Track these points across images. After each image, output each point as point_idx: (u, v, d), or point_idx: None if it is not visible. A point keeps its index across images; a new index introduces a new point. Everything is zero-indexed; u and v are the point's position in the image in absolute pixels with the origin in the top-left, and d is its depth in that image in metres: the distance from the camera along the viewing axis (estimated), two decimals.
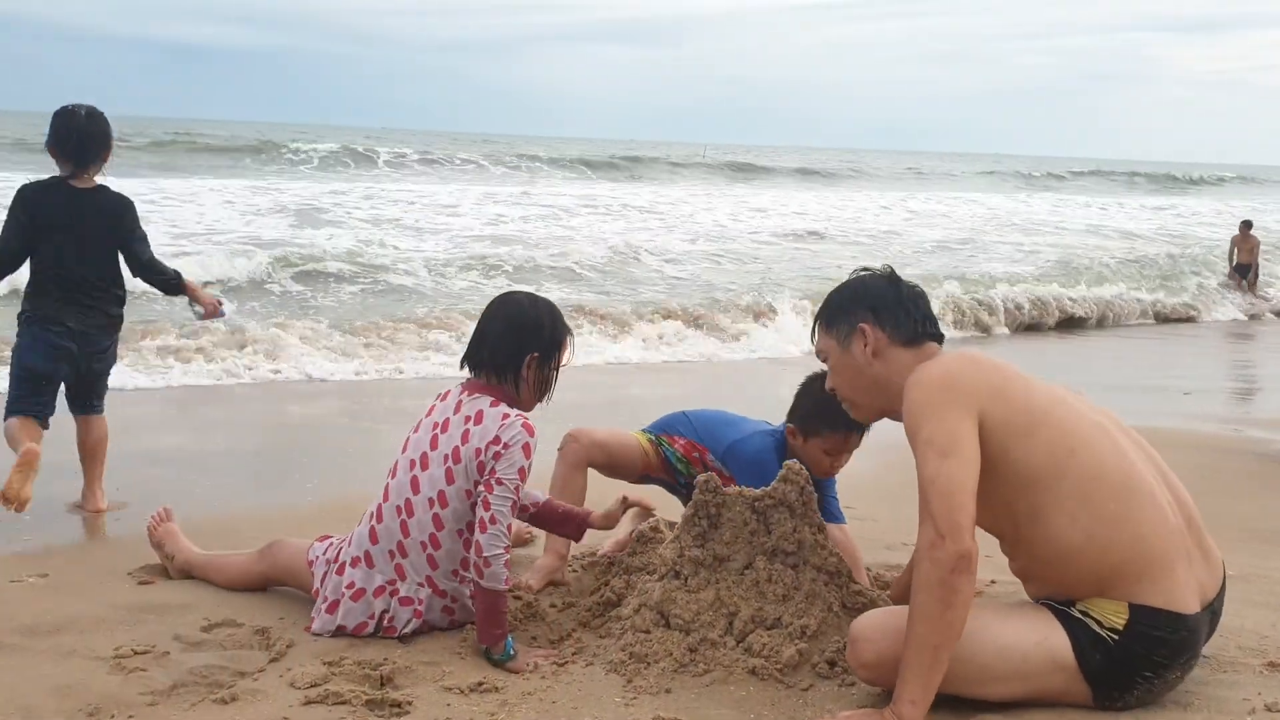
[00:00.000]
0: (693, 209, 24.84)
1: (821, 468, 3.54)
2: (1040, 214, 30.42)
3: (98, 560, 3.82)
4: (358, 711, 2.70)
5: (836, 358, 2.87)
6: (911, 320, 2.81)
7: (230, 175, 26.76)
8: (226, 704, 2.75)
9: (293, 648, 3.14)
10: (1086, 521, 2.56)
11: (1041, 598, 2.71)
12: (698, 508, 3.07)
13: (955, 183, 47.68)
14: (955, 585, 2.42)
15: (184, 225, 15.84)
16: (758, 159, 54.43)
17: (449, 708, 2.74)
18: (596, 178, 35.76)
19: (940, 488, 2.47)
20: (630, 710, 2.69)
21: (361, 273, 12.55)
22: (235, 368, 7.86)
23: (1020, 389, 2.67)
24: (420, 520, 3.21)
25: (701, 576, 3.03)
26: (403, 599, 3.23)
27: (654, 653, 2.93)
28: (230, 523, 4.32)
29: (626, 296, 12.31)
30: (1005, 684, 2.59)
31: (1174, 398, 8.20)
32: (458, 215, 20.43)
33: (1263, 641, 3.09)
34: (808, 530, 3.04)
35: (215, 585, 3.60)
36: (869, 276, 2.92)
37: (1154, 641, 2.55)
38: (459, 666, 3.03)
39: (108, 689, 2.83)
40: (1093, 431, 2.66)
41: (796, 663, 2.86)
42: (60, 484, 4.55)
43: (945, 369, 2.66)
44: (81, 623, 3.27)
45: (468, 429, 3.18)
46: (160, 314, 8.77)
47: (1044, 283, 14.67)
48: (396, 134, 74.61)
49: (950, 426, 2.54)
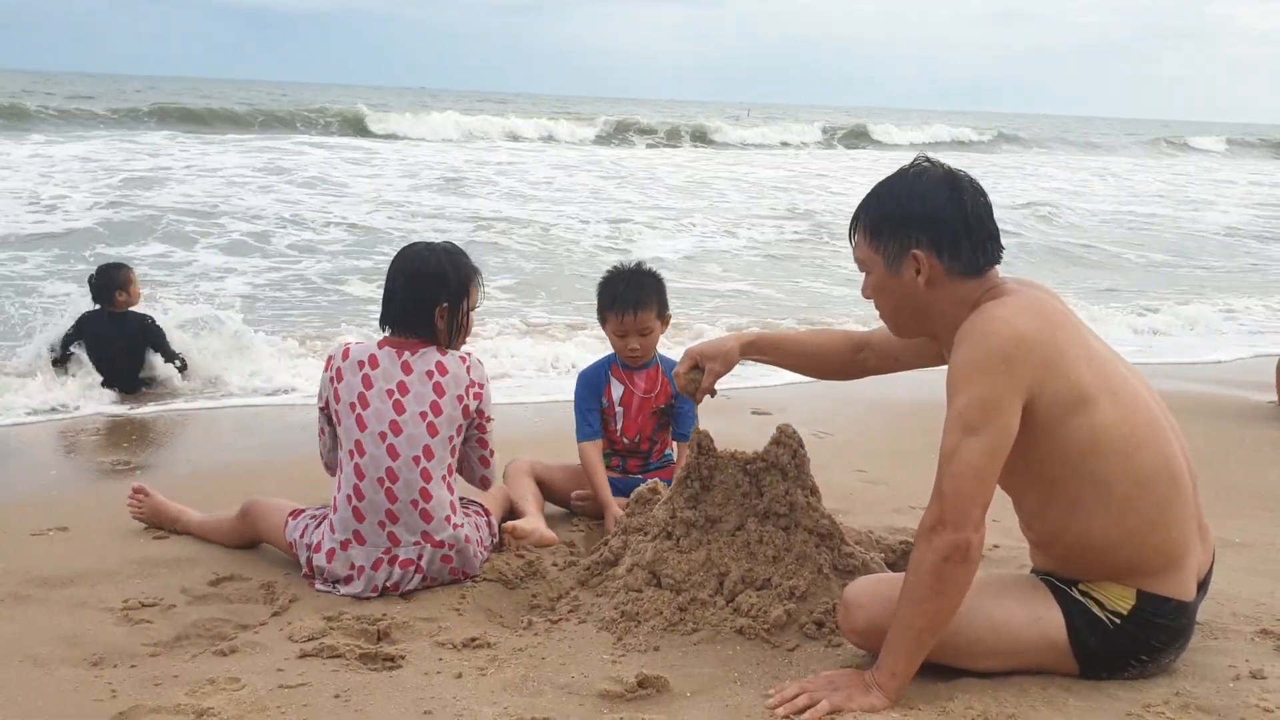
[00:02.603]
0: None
1: (622, 351, 4.09)
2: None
3: (118, 516, 3.91)
4: (351, 664, 2.77)
5: (881, 277, 2.57)
6: (973, 246, 2.50)
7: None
8: (225, 655, 2.83)
9: (295, 602, 3.22)
10: (1128, 522, 2.45)
11: (1046, 572, 2.63)
12: (690, 470, 3.10)
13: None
14: (948, 575, 2.34)
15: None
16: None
17: (440, 661, 2.80)
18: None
19: (956, 468, 2.33)
20: (617, 667, 2.73)
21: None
22: None
23: (1080, 356, 2.43)
24: (407, 481, 3.27)
25: (693, 537, 3.06)
26: (402, 562, 3.29)
27: (645, 611, 2.97)
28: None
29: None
30: (995, 659, 2.56)
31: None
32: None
33: (1258, 609, 3.07)
34: (800, 493, 3.06)
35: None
36: (928, 182, 2.53)
37: (1155, 628, 2.51)
38: (455, 623, 3.09)
39: (113, 639, 2.92)
40: (1149, 425, 2.49)
41: (784, 623, 2.88)
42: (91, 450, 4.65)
43: (1013, 330, 2.37)
44: (94, 575, 3.38)
45: (437, 381, 3.31)
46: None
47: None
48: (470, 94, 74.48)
49: (991, 402, 2.33)
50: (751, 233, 14.73)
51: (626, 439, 4.15)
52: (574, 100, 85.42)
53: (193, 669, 2.74)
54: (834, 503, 3.40)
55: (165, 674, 2.70)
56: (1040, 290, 2.61)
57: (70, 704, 2.54)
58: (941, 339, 2.62)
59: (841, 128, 44.76)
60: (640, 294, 4.01)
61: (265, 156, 20.93)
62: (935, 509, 2.35)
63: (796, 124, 44.99)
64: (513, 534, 3.61)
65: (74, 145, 20.97)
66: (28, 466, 4.84)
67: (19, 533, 3.77)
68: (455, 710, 2.48)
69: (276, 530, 3.51)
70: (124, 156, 19.53)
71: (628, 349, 4.07)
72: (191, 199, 14.50)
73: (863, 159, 32.50)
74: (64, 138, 23.00)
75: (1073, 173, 29.91)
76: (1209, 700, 2.48)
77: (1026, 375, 2.36)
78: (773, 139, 39.58)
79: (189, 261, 10.69)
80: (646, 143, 35.48)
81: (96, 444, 5.18)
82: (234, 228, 12.45)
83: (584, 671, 2.72)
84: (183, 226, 12.24)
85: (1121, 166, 34.25)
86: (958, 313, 2.51)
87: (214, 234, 12.03)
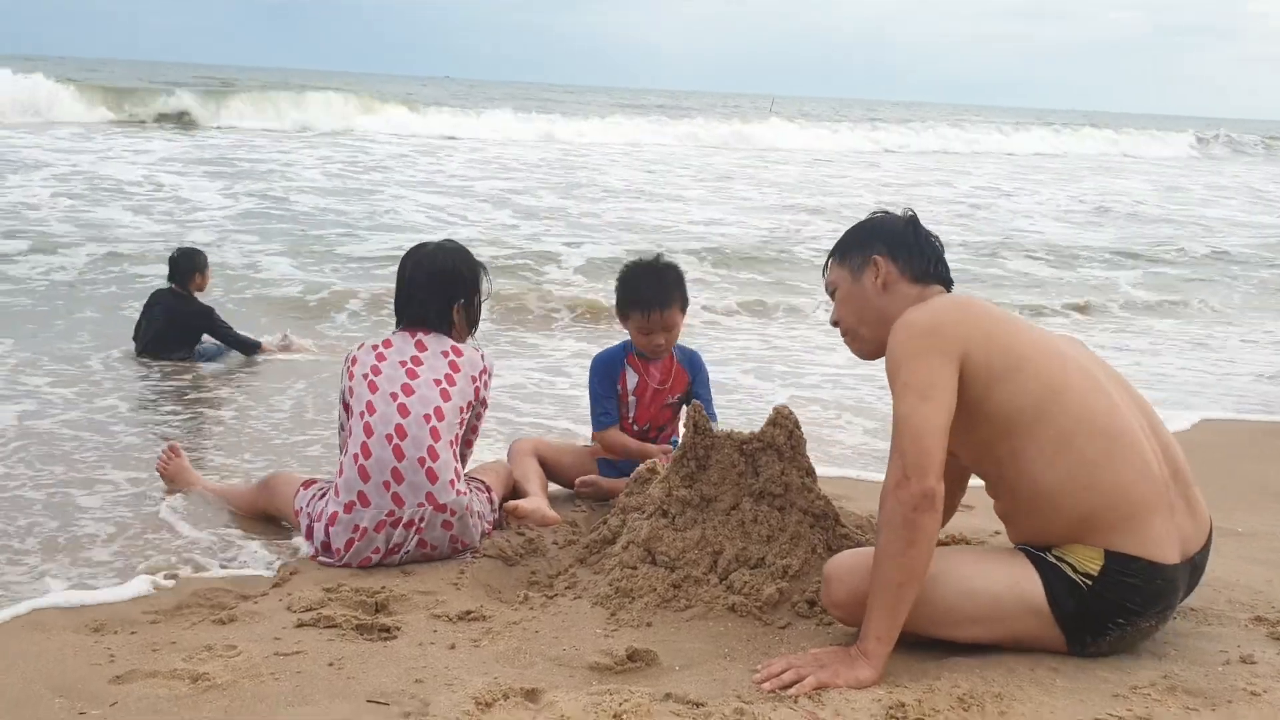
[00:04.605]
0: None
1: (645, 346, 4.04)
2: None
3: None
4: (347, 635, 2.81)
5: (846, 288, 2.90)
6: (924, 259, 2.85)
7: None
8: (224, 624, 2.87)
9: (297, 574, 3.27)
10: (1065, 465, 2.56)
11: (1021, 542, 2.72)
12: (686, 449, 3.12)
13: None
14: (918, 523, 2.45)
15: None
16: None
17: (435, 633, 2.83)
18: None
19: (912, 428, 2.51)
20: (609, 641, 2.76)
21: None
22: None
23: (1007, 331, 2.67)
24: (415, 437, 3.33)
25: (688, 516, 3.08)
26: (405, 524, 3.34)
27: (639, 588, 2.99)
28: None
29: None
30: (977, 625, 2.60)
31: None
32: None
33: (1254, 597, 3.07)
34: (795, 474, 3.07)
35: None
36: (887, 216, 2.95)
37: (1127, 589, 2.55)
38: (452, 596, 3.12)
39: (116, 607, 2.98)
40: (1077, 376, 2.65)
41: (776, 601, 2.90)
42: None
43: (932, 313, 2.67)
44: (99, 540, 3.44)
45: (453, 360, 3.46)
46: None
47: None
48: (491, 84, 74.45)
49: (929, 370, 2.56)
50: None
51: (637, 426, 4.16)
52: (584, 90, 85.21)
53: (191, 636, 2.79)
54: (836, 489, 3.42)
55: (164, 640, 2.75)
56: (970, 297, 2.86)
57: (70, 667, 2.58)
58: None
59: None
60: (666, 291, 3.96)
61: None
62: (897, 466, 2.51)
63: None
64: (514, 514, 3.63)
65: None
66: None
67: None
68: (446, 679, 2.51)
69: (288, 500, 3.57)
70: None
71: (653, 345, 4.02)
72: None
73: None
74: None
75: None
76: (1197, 683, 2.48)
77: (953, 343, 2.59)
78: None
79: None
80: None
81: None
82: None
83: (576, 645, 2.74)
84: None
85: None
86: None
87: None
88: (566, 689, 2.45)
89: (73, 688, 2.46)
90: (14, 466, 4.22)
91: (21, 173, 14.28)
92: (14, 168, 14.69)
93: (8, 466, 4.21)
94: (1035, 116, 73.25)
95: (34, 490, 3.97)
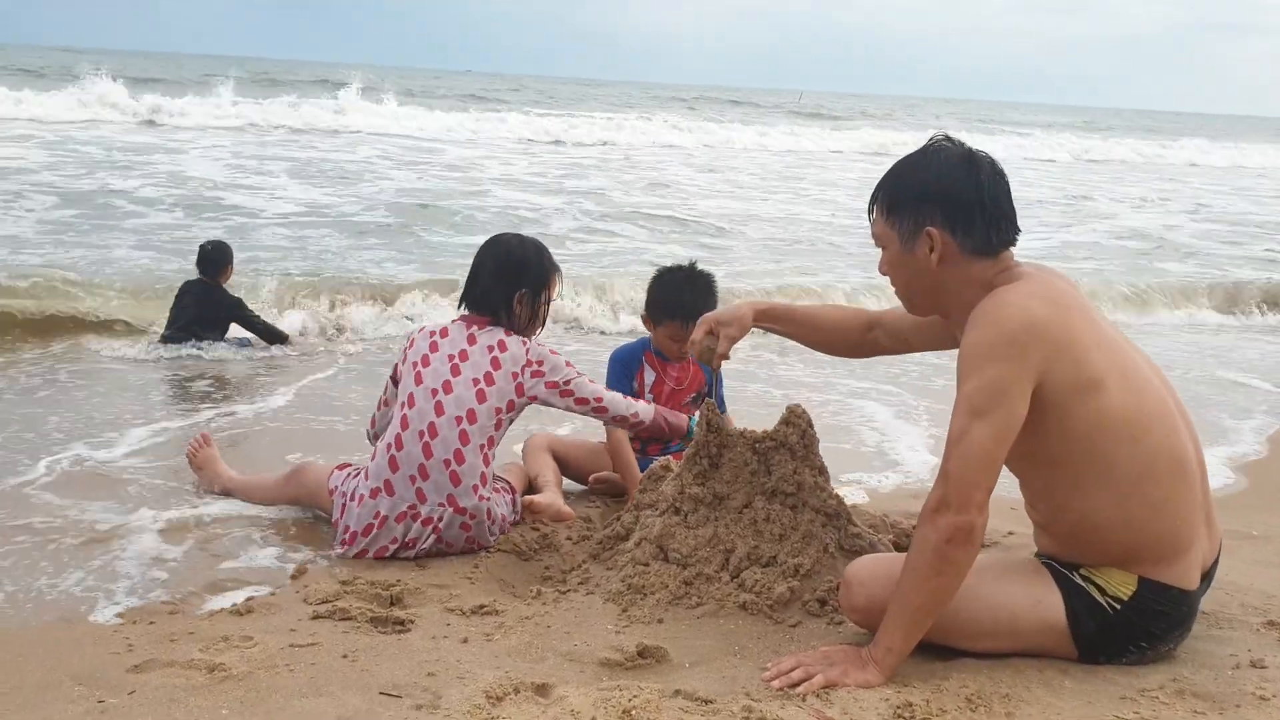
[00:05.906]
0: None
1: (673, 352, 4.03)
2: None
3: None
4: (361, 627, 2.84)
5: (896, 254, 2.58)
6: (988, 225, 2.49)
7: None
8: (241, 615, 2.92)
9: (314, 565, 3.31)
10: (1131, 505, 2.44)
11: (1049, 555, 2.63)
12: (699, 447, 3.14)
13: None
14: (949, 555, 2.36)
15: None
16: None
17: (448, 627, 2.86)
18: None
19: (961, 452, 2.35)
20: (620, 638, 2.78)
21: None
22: None
23: (1091, 341, 2.43)
24: (445, 438, 3.37)
25: (701, 514, 3.10)
26: (423, 520, 3.37)
27: (651, 584, 3.01)
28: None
29: None
30: (993, 640, 2.57)
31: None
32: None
33: (1267, 601, 3.06)
34: (808, 473, 3.08)
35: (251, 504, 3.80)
36: (945, 160, 2.52)
37: (1154, 615, 2.51)
38: (467, 590, 3.15)
39: (136, 596, 3.02)
40: (1156, 407, 2.47)
41: (788, 599, 2.92)
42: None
43: (1025, 315, 2.38)
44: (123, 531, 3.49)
45: (495, 356, 3.45)
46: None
47: None
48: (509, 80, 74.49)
49: (1000, 386, 2.34)
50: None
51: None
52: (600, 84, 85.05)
53: (208, 627, 2.83)
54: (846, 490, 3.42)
55: (182, 631, 2.79)
56: (1054, 274, 2.60)
57: (89, 656, 2.63)
58: (953, 319, 2.62)
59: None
60: (704, 301, 3.91)
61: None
62: (940, 490, 2.37)
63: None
64: (529, 509, 3.67)
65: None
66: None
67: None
68: (458, 673, 2.54)
69: (321, 482, 3.61)
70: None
71: (681, 350, 3.98)
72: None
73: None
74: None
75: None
76: (1205, 687, 2.48)
77: (1037, 360, 2.36)
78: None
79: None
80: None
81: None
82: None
83: (587, 640, 2.77)
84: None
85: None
86: (970, 293, 2.51)
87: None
88: (577, 684, 2.47)
89: (92, 676, 2.51)
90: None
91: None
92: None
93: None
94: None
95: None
